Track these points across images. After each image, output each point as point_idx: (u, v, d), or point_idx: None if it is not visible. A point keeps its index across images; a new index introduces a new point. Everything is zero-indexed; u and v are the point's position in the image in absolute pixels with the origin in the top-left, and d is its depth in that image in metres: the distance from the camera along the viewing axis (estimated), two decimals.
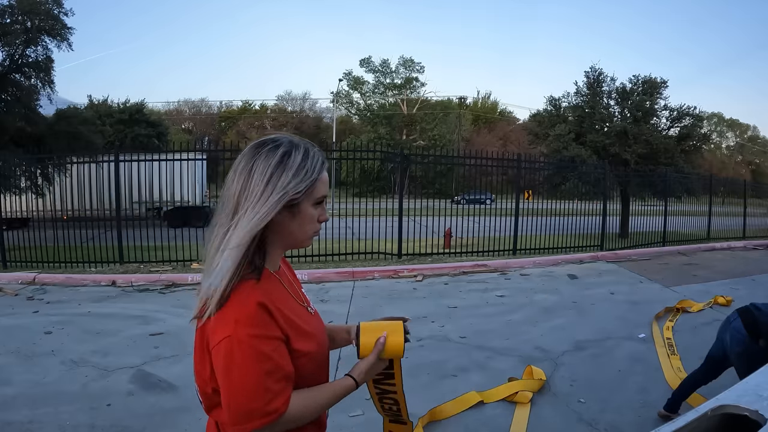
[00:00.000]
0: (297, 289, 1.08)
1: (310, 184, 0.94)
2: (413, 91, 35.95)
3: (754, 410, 1.21)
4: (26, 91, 11.38)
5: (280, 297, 0.96)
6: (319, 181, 0.96)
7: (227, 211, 0.93)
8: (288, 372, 0.90)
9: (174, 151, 8.90)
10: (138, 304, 5.38)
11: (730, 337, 2.54)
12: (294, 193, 0.92)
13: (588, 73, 12.87)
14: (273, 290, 0.95)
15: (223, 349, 0.86)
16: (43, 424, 2.76)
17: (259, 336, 0.86)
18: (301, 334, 0.95)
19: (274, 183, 0.90)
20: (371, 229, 8.05)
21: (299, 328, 0.95)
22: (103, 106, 21.65)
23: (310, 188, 0.94)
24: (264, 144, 0.95)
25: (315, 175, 0.95)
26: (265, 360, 0.86)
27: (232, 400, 0.86)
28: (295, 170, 0.92)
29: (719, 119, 51.83)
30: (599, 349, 4.08)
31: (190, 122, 47.35)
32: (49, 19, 11.04)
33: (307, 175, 0.94)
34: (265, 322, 0.88)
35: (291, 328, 0.93)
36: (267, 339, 0.87)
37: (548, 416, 2.93)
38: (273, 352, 0.88)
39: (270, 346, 0.87)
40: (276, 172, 0.91)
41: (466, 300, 5.67)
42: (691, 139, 12.72)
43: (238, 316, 0.86)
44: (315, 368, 0.99)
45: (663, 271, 7.75)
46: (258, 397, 0.85)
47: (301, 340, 0.94)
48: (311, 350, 0.96)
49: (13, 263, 7.53)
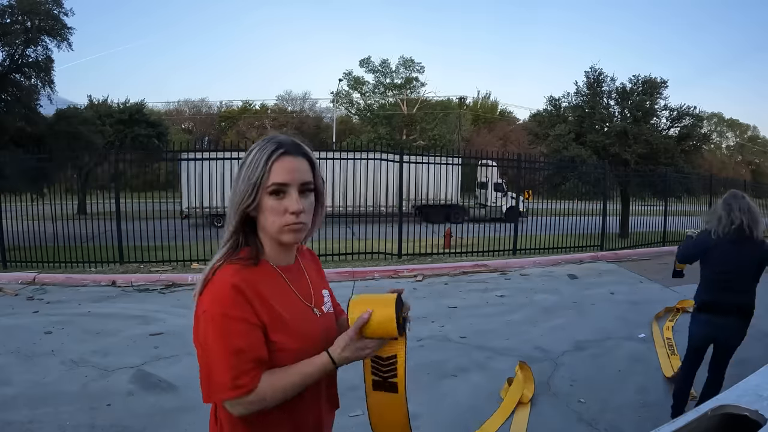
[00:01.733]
0: (310, 288, 1.08)
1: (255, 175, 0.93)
2: (413, 91, 35.90)
3: (754, 410, 1.21)
4: (26, 91, 11.38)
5: (270, 288, 0.97)
6: (265, 171, 0.93)
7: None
8: (258, 355, 0.92)
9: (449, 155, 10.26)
10: (138, 304, 5.38)
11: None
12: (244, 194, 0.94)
13: (588, 73, 12.88)
14: (262, 280, 0.97)
15: (199, 324, 0.92)
16: (43, 424, 2.76)
17: (229, 316, 0.90)
18: (282, 329, 0.95)
19: (235, 185, 0.96)
20: (371, 229, 8.05)
21: (282, 321, 0.96)
22: (103, 106, 21.64)
23: (259, 179, 0.93)
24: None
25: (258, 167, 0.94)
26: (232, 337, 0.89)
27: (204, 372, 0.92)
28: (246, 167, 0.95)
29: (719, 119, 51.81)
30: (599, 349, 4.09)
31: (190, 122, 47.36)
32: (49, 19, 11.05)
33: (251, 167, 0.94)
34: (238, 304, 0.90)
35: (271, 318, 0.94)
36: (236, 320, 0.90)
37: (548, 416, 2.93)
38: (241, 333, 0.90)
39: (239, 326, 0.90)
40: (237, 174, 0.97)
41: (466, 300, 5.67)
42: (691, 139, 12.72)
43: (213, 295, 0.91)
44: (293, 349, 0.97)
45: (663, 271, 7.74)
46: (225, 371, 0.89)
47: (280, 334, 0.95)
48: (291, 347, 0.95)
49: (13, 263, 7.53)
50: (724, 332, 2.67)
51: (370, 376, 1.06)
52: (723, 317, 2.65)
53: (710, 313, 2.69)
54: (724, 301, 2.65)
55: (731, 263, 2.62)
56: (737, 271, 2.62)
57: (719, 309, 2.66)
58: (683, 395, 2.84)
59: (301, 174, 0.96)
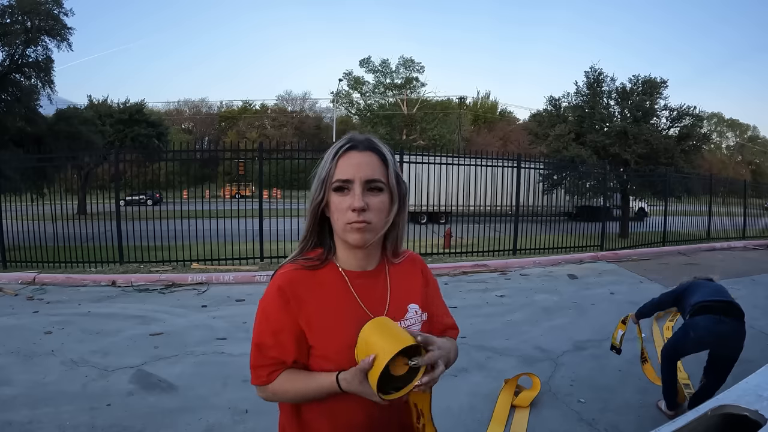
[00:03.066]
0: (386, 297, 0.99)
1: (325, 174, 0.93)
2: (413, 91, 35.91)
3: (754, 410, 1.21)
4: (26, 91, 11.40)
5: (321, 292, 0.95)
6: (332, 167, 0.92)
7: None
8: (279, 355, 0.93)
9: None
10: (138, 304, 5.38)
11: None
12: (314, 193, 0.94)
13: (588, 74, 12.89)
14: (316, 284, 0.95)
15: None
16: (43, 424, 2.76)
17: (267, 312, 0.94)
18: (321, 335, 0.93)
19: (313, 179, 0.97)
20: None
21: (322, 328, 0.93)
22: (103, 106, 21.64)
23: (326, 175, 0.93)
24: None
25: (328, 164, 0.93)
26: (263, 332, 0.94)
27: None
28: (320, 167, 0.95)
29: (719, 119, 51.83)
30: (599, 349, 4.08)
31: (190, 122, 47.35)
32: (49, 19, 11.06)
33: (322, 167, 0.94)
34: (277, 304, 0.93)
35: (309, 323, 0.93)
36: (271, 319, 0.94)
37: (548, 416, 2.92)
38: (271, 331, 0.93)
39: (271, 325, 0.94)
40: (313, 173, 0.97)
41: (466, 300, 5.66)
42: (691, 139, 12.72)
43: (268, 290, 0.96)
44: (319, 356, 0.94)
45: (663, 271, 7.75)
46: (252, 358, 0.96)
47: (317, 339, 0.93)
48: (329, 355, 0.92)
49: (13, 263, 7.53)
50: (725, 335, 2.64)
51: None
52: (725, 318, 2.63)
53: (711, 314, 2.68)
54: (724, 301, 2.69)
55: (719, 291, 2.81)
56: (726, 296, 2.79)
57: (721, 310, 2.66)
58: (673, 386, 2.87)
59: (366, 170, 0.91)
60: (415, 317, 1.01)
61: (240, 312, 5.06)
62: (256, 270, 6.97)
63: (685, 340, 2.75)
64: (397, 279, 1.03)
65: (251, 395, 3.10)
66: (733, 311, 2.66)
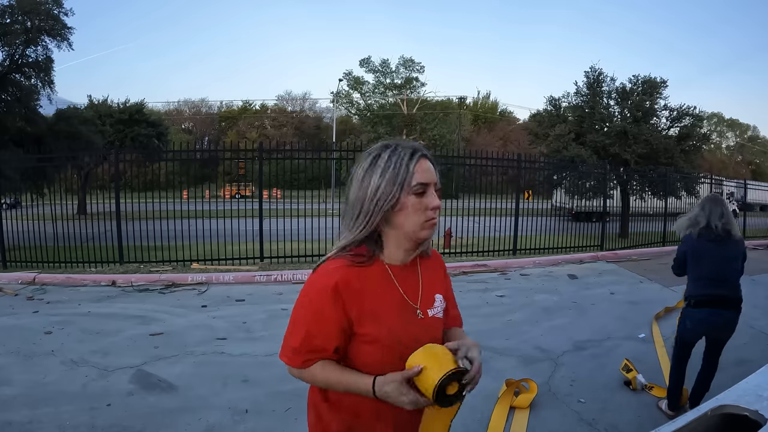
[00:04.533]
0: (420, 288, 1.12)
1: (401, 177, 1.01)
2: (413, 91, 35.88)
3: (754, 410, 1.21)
4: (26, 91, 11.39)
5: (372, 284, 1.04)
6: (411, 172, 1.01)
7: (344, 208, 1.09)
8: (320, 345, 1.02)
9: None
10: (138, 304, 5.38)
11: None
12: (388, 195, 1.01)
13: (588, 73, 12.88)
14: (368, 277, 1.04)
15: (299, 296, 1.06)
16: (43, 424, 2.76)
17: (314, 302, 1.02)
18: (373, 322, 1.02)
19: (366, 185, 1.02)
20: None
21: (374, 316, 1.03)
22: (103, 106, 21.64)
23: (404, 180, 1.01)
24: (367, 152, 1.08)
25: (404, 167, 1.01)
26: (309, 321, 1.02)
27: (285, 333, 1.07)
28: (383, 169, 1.02)
29: (719, 119, 51.82)
30: (599, 349, 4.08)
31: (190, 122, 47.35)
32: (49, 19, 11.06)
33: (395, 170, 1.01)
34: (326, 301, 1.00)
35: (361, 313, 1.02)
36: (316, 312, 1.02)
37: (548, 416, 2.92)
38: (317, 321, 1.01)
39: (318, 316, 1.01)
40: (367, 175, 1.03)
41: (466, 300, 5.66)
42: (691, 139, 12.72)
43: (312, 283, 1.04)
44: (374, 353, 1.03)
45: (663, 271, 7.74)
46: (292, 341, 1.04)
47: (369, 326, 1.02)
48: (379, 340, 1.02)
49: (13, 263, 7.53)
50: (720, 326, 2.78)
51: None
52: (721, 311, 2.75)
53: (708, 307, 2.77)
54: (721, 295, 2.76)
55: (719, 262, 2.78)
56: (726, 268, 2.79)
57: (717, 303, 2.75)
58: (679, 388, 2.91)
59: (436, 176, 1.06)
60: (440, 305, 1.15)
61: (240, 312, 5.06)
62: (256, 270, 6.97)
63: (683, 330, 2.91)
64: (426, 272, 1.15)
65: (251, 395, 3.11)
66: (730, 303, 2.77)
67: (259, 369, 3.56)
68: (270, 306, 5.30)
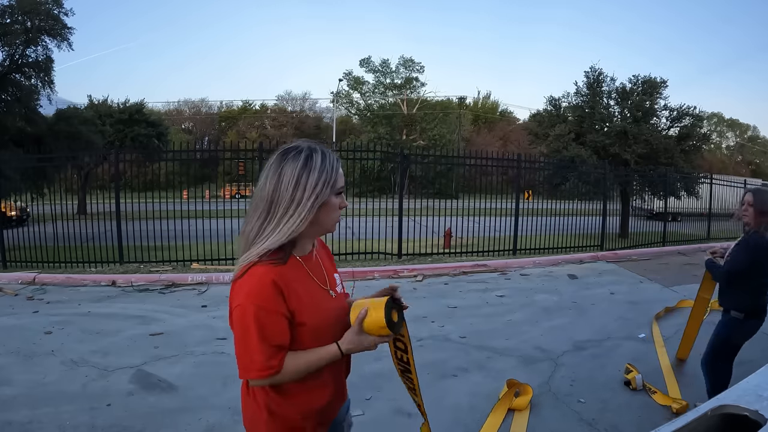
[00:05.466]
0: (324, 273, 1.25)
1: (332, 179, 1.13)
2: (413, 91, 35.91)
3: (754, 410, 1.21)
4: (26, 91, 11.39)
5: (297, 278, 1.15)
6: (338, 175, 1.15)
7: (262, 208, 1.13)
8: (283, 342, 1.10)
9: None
10: (138, 304, 5.38)
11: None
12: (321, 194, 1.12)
13: (588, 73, 12.89)
14: (291, 272, 1.13)
15: (235, 315, 1.08)
16: (43, 424, 2.76)
17: (262, 308, 1.06)
18: (305, 311, 1.13)
19: (303, 184, 1.10)
20: (371, 229, 8.05)
21: (305, 305, 1.13)
22: (103, 106, 21.64)
23: (334, 182, 1.14)
24: (288, 151, 1.15)
25: (334, 172, 1.14)
26: (262, 329, 1.06)
27: (241, 355, 1.09)
28: (319, 171, 1.12)
29: (719, 119, 51.79)
30: (599, 349, 4.08)
31: (190, 122, 47.34)
32: (49, 19, 11.06)
33: (330, 173, 1.13)
34: (271, 298, 1.07)
35: (298, 305, 1.11)
36: (268, 312, 1.07)
37: (548, 416, 2.93)
38: (270, 325, 1.07)
39: (269, 319, 1.07)
40: (303, 174, 1.11)
41: (466, 300, 5.66)
42: (691, 139, 12.72)
43: (249, 290, 1.07)
44: (313, 339, 1.15)
45: (663, 271, 7.75)
46: (258, 354, 1.07)
47: (304, 316, 1.12)
48: (311, 325, 1.14)
49: (13, 263, 7.53)
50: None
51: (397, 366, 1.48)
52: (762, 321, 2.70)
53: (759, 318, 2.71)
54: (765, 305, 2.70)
55: None
56: None
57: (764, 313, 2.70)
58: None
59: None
60: (339, 281, 1.32)
61: None
62: None
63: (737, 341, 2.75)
64: (322, 257, 1.29)
65: None
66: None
67: None
68: None
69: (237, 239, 1.24)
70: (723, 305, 2.82)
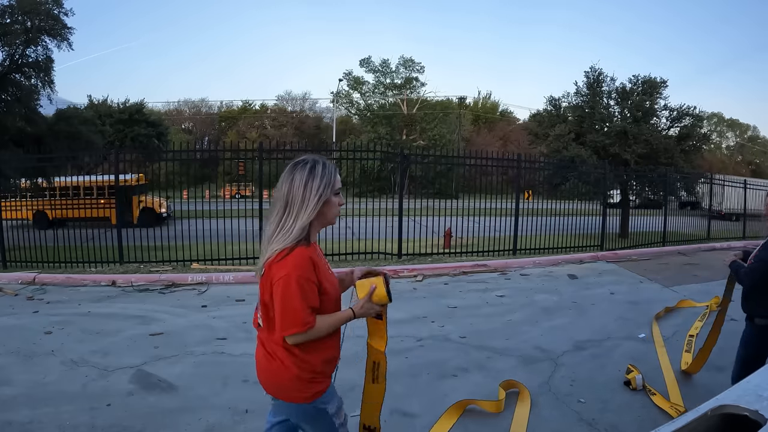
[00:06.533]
0: (322, 254, 1.66)
1: (332, 183, 1.53)
2: (413, 91, 35.85)
3: (754, 410, 1.21)
4: (26, 91, 11.36)
5: (319, 257, 1.56)
6: (336, 179, 1.55)
7: (280, 206, 1.51)
8: (314, 304, 1.49)
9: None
10: (138, 304, 5.38)
11: None
12: (324, 194, 1.50)
13: (588, 74, 12.88)
14: (316, 252, 1.55)
15: (282, 283, 1.44)
16: (43, 424, 2.76)
17: (304, 278, 1.45)
18: (327, 282, 1.55)
19: (310, 187, 1.49)
20: (371, 229, 8.05)
21: (326, 278, 1.56)
22: (103, 106, 21.67)
23: (333, 185, 1.53)
24: (298, 163, 1.54)
25: (333, 177, 1.54)
26: (304, 292, 1.45)
27: (285, 314, 1.45)
28: (320, 176, 1.51)
29: (719, 119, 51.74)
30: (599, 349, 4.08)
31: (190, 122, 47.31)
32: (49, 19, 11.03)
33: (329, 178, 1.53)
34: (310, 270, 1.47)
35: (323, 277, 1.53)
36: (307, 280, 1.46)
37: (548, 416, 2.93)
38: (309, 290, 1.47)
39: (308, 285, 1.46)
40: (309, 179, 1.50)
41: (466, 300, 5.66)
42: (691, 139, 12.72)
43: (294, 263, 1.45)
44: (331, 304, 1.58)
45: (663, 271, 7.75)
46: (299, 313, 1.45)
47: (326, 285, 1.54)
48: (330, 292, 1.56)
49: (13, 263, 7.53)
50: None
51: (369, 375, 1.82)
52: None
53: None
54: None
55: None
56: None
57: None
58: None
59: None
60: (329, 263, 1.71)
61: (240, 312, 5.06)
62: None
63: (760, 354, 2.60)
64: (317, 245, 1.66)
65: (251, 395, 3.10)
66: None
67: None
68: None
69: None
70: (746, 311, 2.69)
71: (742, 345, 2.71)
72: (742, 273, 2.66)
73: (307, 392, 1.55)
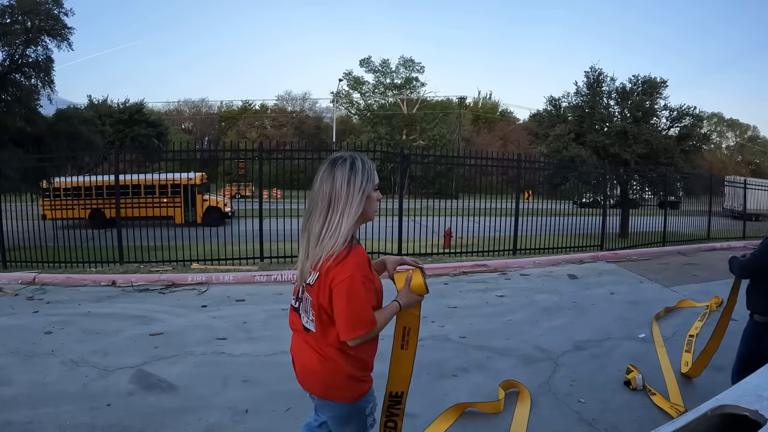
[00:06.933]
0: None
1: (372, 178, 1.51)
2: (413, 91, 35.86)
3: (754, 410, 1.21)
4: (26, 91, 11.36)
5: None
6: (374, 174, 1.53)
7: (323, 206, 1.48)
8: (374, 303, 1.53)
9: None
10: (138, 304, 5.38)
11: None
12: (367, 189, 1.50)
13: (588, 74, 12.88)
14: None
15: (346, 284, 1.42)
16: (43, 424, 2.76)
17: (366, 278, 1.47)
18: (377, 281, 1.58)
19: (353, 183, 1.47)
20: (371, 229, 8.04)
21: (376, 277, 1.59)
22: (103, 106, 21.66)
23: (373, 181, 1.52)
24: (336, 160, 1.51)
25: (372, 172, 1.52)
26: (367, 293, 1.46)
27: (351, 317, 1.44)
28: (361, 172, 1.49)
29: (719, 119, 51.75)
30: (599, 349, 4.08)
31: (189, 122, 47.31)
32: (49, 19, 11.03)
33: (370, 174, 1.51)
34: (368, 270, 1.51)
35: (374, 276, 1.57)
36: (368, 281, 1.49)
37: (548, 416, 2.93)
38: (369, 290, 1.49)
39: (369, 286, 1.49)
40: (352, 176, 1.47)
41: (466, 300, 5.66)
42: (691, 139, 12.72)
43: (356, 264, 1.45)
44: (381, 299, 1.61)
45: (663, 271, 7.75)
46: (365, 314, 1.45)
47: (377, 282, 1.58)
48: (380, 288, 1.60)
49: (13, 263, 7.53)
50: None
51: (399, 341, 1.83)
52: None
53: None
54: None
55: None
56: None
57: None
58: None
59: None
60: None
61: (240, 312, 5.06)
62: (256, 270, 6.97)
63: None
64: None
65: (251, 395, 3.11)
66: None
67: (259, 369, 3.57)
68: (270, 306, 5.30)
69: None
70: (749, 308, 2.74)
71: (742, 341, 2.77)
72: (736, 265, 2.75)
73: (355, 392, 1.58)
